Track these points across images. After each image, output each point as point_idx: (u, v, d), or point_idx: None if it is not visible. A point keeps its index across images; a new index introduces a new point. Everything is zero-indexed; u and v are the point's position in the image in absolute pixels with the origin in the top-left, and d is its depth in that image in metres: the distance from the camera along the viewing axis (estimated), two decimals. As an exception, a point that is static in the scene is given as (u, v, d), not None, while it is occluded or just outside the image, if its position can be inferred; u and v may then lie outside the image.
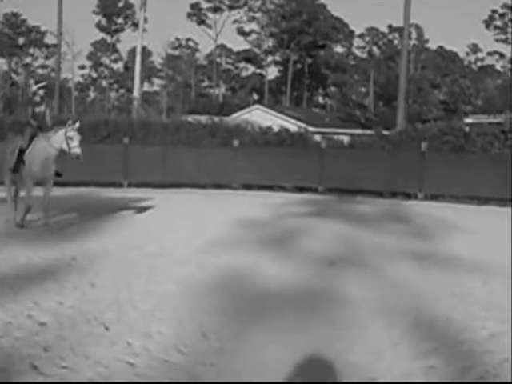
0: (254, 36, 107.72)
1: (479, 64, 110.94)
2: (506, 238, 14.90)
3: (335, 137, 31.77)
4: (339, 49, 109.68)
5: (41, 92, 14.42)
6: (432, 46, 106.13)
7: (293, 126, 37.42)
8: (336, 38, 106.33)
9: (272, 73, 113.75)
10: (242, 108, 61.13)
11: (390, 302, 8.64)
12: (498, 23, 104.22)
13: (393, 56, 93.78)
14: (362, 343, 6.84)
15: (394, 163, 25.10)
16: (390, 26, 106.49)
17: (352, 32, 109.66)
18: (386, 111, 65.63)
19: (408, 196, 24.91)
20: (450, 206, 22.85)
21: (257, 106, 59.46)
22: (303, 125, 42.45)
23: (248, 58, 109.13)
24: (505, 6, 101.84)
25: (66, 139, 13.80)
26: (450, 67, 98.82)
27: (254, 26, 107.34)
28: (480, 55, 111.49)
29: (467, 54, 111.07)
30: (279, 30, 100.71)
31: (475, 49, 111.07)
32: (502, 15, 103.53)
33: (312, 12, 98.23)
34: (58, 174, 14.38)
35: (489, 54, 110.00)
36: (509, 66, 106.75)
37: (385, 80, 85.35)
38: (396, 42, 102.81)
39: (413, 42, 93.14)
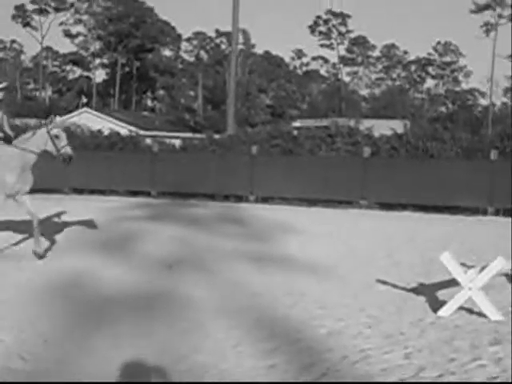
0: (80, 39, 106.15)
1: (304, 69, 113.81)
2: (335, 238, 15.50)
3: (167, 140, 31.81)
4: (167, 52, 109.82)
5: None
6: (259, 50, 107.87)
7: (123, 129, 37.18)
8: (164, 41, 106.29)
9: (100, 76, 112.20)
10: (70, 111, 59.99)
11: (231, 303, 8.80)
12: (322, 29, 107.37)
13: (220, 60, 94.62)
14: (205, 345, 6.93)
15: (226, 166, 25.39)
16: (217, 31, 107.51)
17: (180, 36, 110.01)
18: (214, 115, 66.09)
19: (240, 198, 25.26)
20: (281, 207, 23.34)
21: (85, 109, 58.55)
22: (133, 128, 42.24)
23: (75, 60, 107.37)
24: (329, 12, 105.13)
25: (50, 139, 11.78)
26: (276, 72, 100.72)
27: (80, 28, 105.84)
28: (305, 60, 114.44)
29: (292, 58, 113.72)
30: (106, 33, 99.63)
31: (300, 54, 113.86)
32: (326, 21, 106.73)
33: (139, 15, 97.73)
34: None
35: (313, 59, 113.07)
36: (332, 70, 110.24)
37: (213, 84, 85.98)
38: (223, 46, 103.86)
39: (240, 46, 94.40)
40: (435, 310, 8.36)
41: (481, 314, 8.06)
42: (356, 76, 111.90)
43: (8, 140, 11.94)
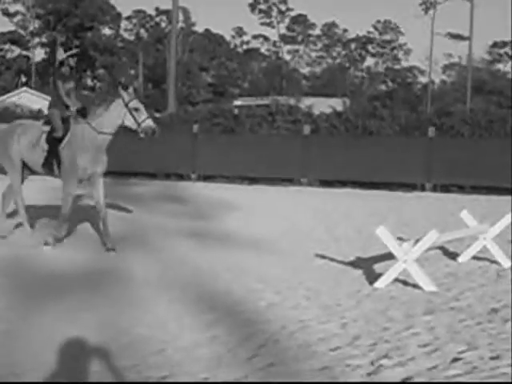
0: (19, 17, 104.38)
1: (245, 47, 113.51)
2: (275, 215, 15.71)
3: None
4: (107, 31, 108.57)
5: (71, 62, 11.39)
6: (199, 29, 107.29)
7: (63, 108, 36.69)
8: (103, 20, 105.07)
9: (39, 55, 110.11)
10: (9, 91, 59.17)
11: (172, 279, 8.95)
12: (263, 7, 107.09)
13: (161, 39, 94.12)
14: (147, 318, 7.07)
15: (167, 145, 25.34)
16: (157, 9, 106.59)
17: (119, 14, 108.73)
18: (155, 93, 65.93)
19: (181, 177, 25.34)
20: (223, 186, 23.49)
21: (25, 88, 57.87)
22: (73, 107, 41.75)
23: (13, 39, 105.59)
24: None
25: (129, 112, 10.84)
26: (217, 50, 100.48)
27: (19, 7, 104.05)
28: (245, 38, 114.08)
29: (233, 37, 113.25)
30: (45, 12, 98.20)
31: (241, 32, 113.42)
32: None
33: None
34: None
35: (254, 37, 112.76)
36: (273, 49, 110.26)
37: (153, 62, 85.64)
38: (163, 24, 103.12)
39: (180, 24, 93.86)
40: (371, 283, 8.61)
41: (415, 286, 8.32)
42: (296, 54, 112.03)
43: (83, 114, 11.18)
